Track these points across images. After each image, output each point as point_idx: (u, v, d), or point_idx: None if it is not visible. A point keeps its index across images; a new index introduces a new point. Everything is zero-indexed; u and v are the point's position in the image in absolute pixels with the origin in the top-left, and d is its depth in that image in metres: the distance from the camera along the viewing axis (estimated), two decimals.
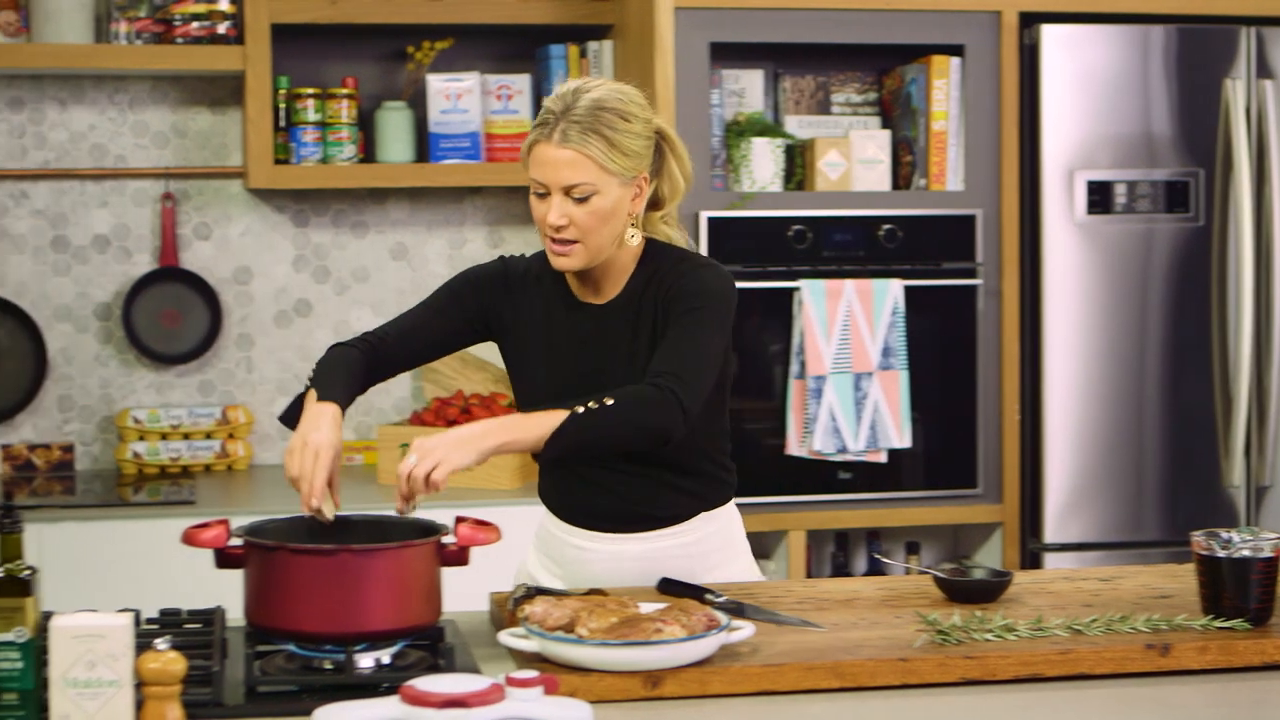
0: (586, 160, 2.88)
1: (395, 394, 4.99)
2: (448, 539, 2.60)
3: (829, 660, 2.49)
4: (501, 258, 3.15)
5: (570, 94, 2.93)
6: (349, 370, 3.01)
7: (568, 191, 2.89)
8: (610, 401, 2.81)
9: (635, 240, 3.02)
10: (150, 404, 4.87)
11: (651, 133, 3.00)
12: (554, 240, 2.93)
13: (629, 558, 3.08)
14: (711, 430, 3.08)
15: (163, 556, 4.14)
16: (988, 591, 2.90)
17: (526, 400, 3.08)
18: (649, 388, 2.84)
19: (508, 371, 3.12)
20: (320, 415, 2.86)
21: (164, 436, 4.79)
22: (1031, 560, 4.66)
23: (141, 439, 4.78)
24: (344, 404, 2.91)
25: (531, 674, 2.15)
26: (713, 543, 3.13)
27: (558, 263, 2.96)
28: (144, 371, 4.88)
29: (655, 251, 3.05)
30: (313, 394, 2.91)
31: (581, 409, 2.79)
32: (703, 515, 3.11)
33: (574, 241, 2.92)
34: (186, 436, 4.80)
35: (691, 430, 2.90)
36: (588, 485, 3.08)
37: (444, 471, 2.73)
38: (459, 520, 2.62)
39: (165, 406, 4.83)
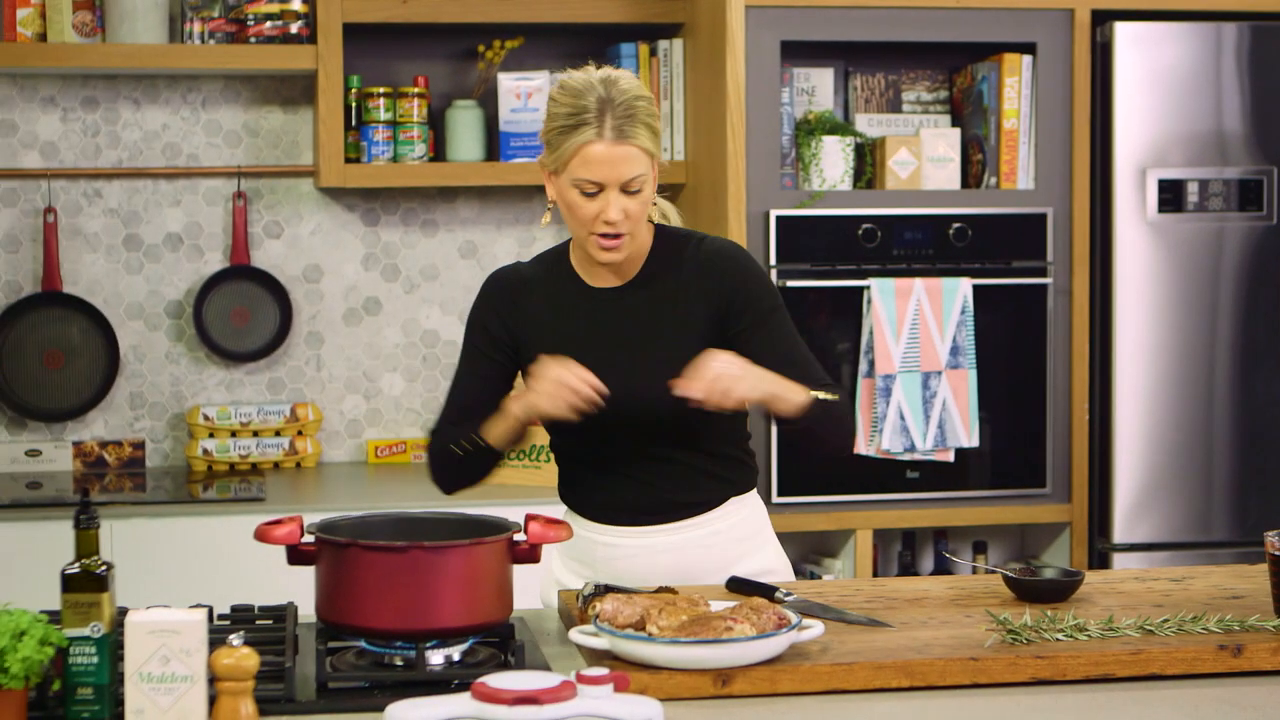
0: (640, 153, 2.91)
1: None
2: (519, 536, 2.60)
3: (899, 659, 2.49)
4: (490, 276, 3.15)
5: (600, 86, 2.92)
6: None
7: (625, 186, 2.91)
8: (834, 398, 2.95)
9: (658, 215, 3.09)
10: (220, 401, 4.90)
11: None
12: (604, 236, 2.94)
13: (661, 550, 3.08)
14: (737, 413, 3.07)
15: (232, 553, 4.19)
16: (1058, 591, 2.89)
17: None
18: (843, 394, 2.97)
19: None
20: (518, 394, 2.96)
21: (234, 434, 4.82)
22: (1100, 560, 4.64)
23: (211, 436, 4.81)
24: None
25: (602, 671, 2.16)
26: (743, 529, 3.14)
27: (607, 257, 2.97)
28: (214, 369, 4.92)
29: (661, 232, 3.09)
30: (489, 423, 3.00)
31: (820, 394, 2.92)
32: (733, 501, 3.12)
33: (624, 235, 2.94)
34: (256, 434, 4.83)
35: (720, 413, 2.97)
36: (618, 479, 3.07)
37: (740, 394, 2.83)
38: (529, 518, 2.63)
39: (235, 404, 4.86)
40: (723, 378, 2.83)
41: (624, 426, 3.00)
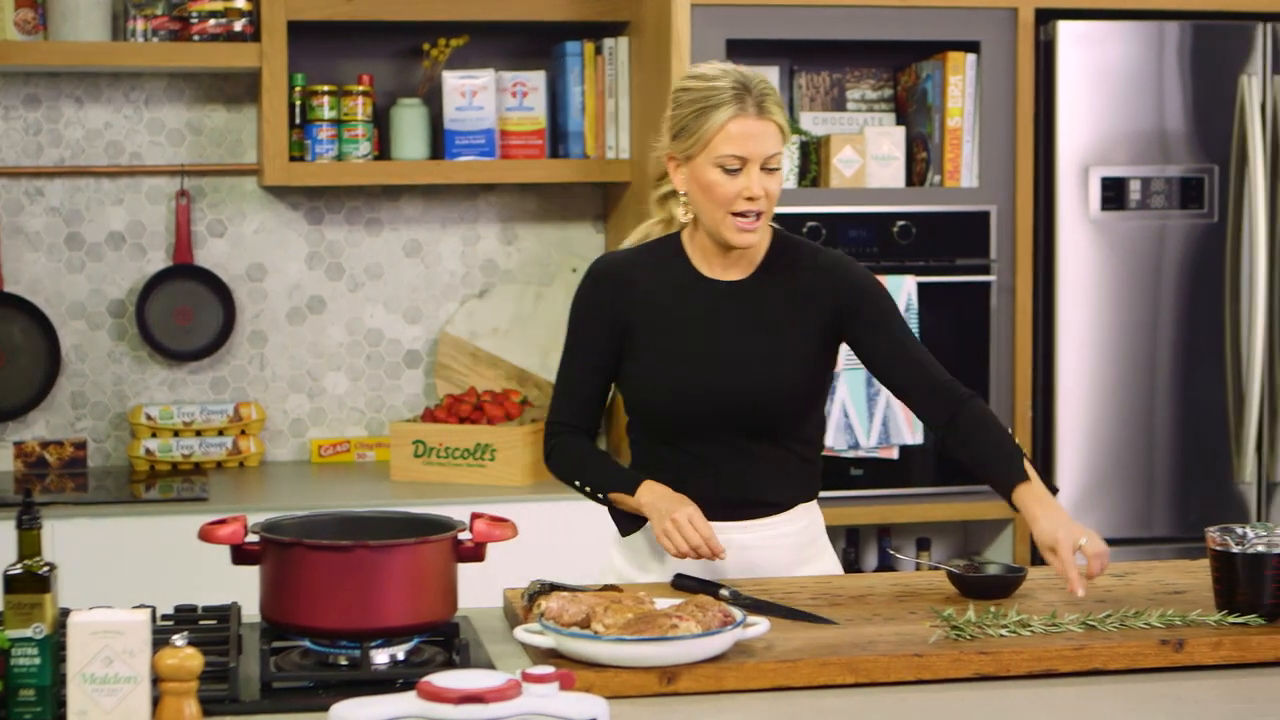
0: (779, 130, 3.02)
1: (407, 391, 5.00)
2: (464, 535, 2.60)
3: (843, 656, 2.50)
4: (596, 263, 3.20)
5: (736, 73, 3.01)
6: (597, 451, 3.18)
7: (765, 163, 2.99)
8: (1019, 448, 3.01)
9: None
10: (163, 401, 4.88)
11: None
12: (743, 216, 3.00)
13: (734, 547, 3.10)
14: (818, 417, 3.19)
15: (175, 553, 4.17)
16: (1002, 587, 2.90)
17: (655, 380, 3.09)
18: (983, 401, 3.09)
19: (625, 357, 3.12)
20: (654, 489, 3.05)
21: (176, 433, 4.80)
22: (1042, 557, 4.65)
23: (154, 436, 4.79)
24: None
25: (548, 670, 2.16)
26: (807, 535, 3.20)
27: (743, 239, 3.02)
28: (157, 368, 4.89)
29: (780, 236, 3.16)
30: (619, 495, 3.10)
31: (1027, 464, 2.97)
32: (801, 506, 3.17)
33: (761, 215, 3.00)
34: (199, 433, 4.81)
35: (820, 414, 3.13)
36: (702, 471, 3.08)
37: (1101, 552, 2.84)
38: (475, 516, 2.63)
39: (178, 403, 4.84)
40: (1100, 557, 2.84)
41: (720, 419, 3.05)
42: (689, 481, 3.07)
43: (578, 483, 3.15)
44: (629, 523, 3.13)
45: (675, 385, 3.06)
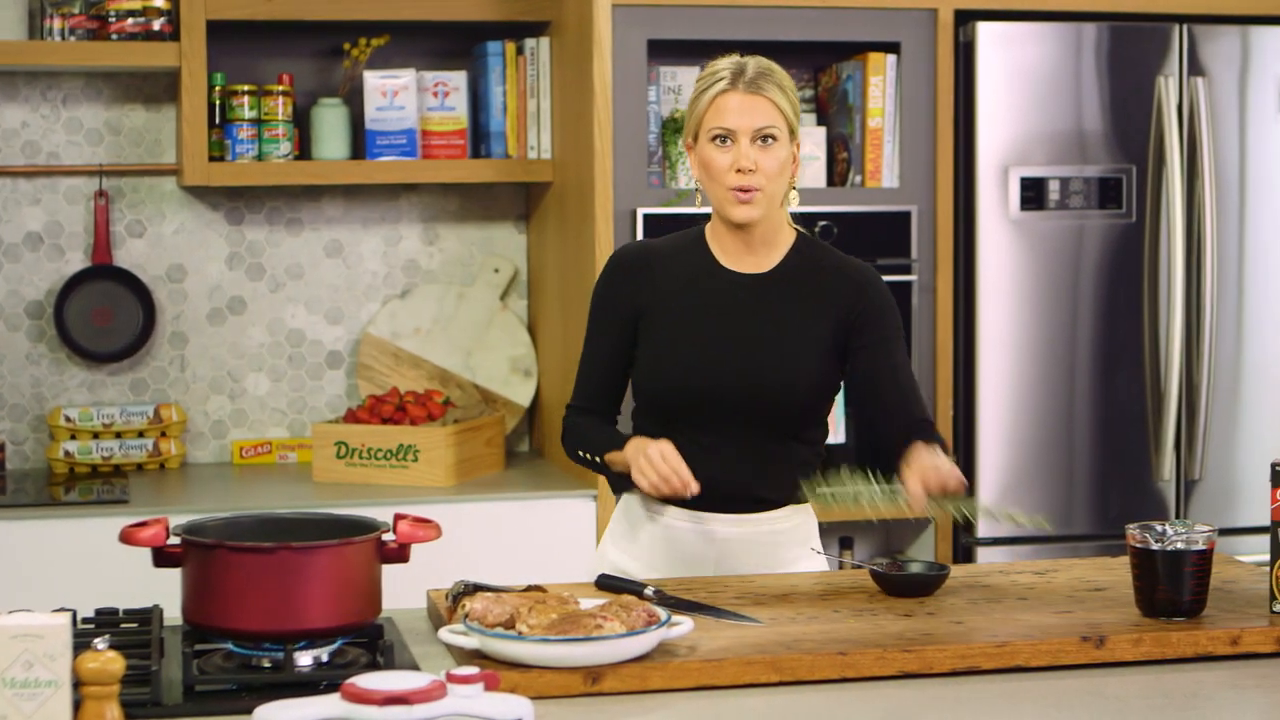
0: (771, 105, 3.06)
1: (329, 392, 4.98)
2: (388, 536, 2.59)
3: (768, 655, 2.51)
4: (617, 251, 3.26)
5: (735, 61, 3.11)
6: (601, 424, 3.23)
7: (755, 136, 3.04)
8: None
9: (795, 202, 3.19)
10: (82, 402, 4.84)
11: (800, 108, 3.17)
12: (738, 189, 3.05)
13: (719, 539, 3.14)
14: (827, 420, 3.24)
15: (95, 556, 4.14)
16: (925, 586, 2.92)
17: (664, 366, 3.13)
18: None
19: (638, 347, 3.17)
20: (637, 441, 3.07)
21: (96, 435, 4.76)
22: (964, 555, 4.69)
23: (73, 438, 4.75)
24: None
25: (473, 670, 2.16)
26: (798, 534, 3.22)
27: (739, 212, 3.07)
28: (76, 370, 4.85)
29: (805, 238, 3.22)
30: (611, 454, 3.12)
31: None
32: (794, 505, 3.19)
33: (755, 190, 3.04)
34: (119, 435, 4.78)
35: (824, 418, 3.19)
36: (705, 462, 3.06)
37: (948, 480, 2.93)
38: (398, 517, 2.62)
39: (97, 405, 4.80)
40: (939, 470, 2.92)
41: (725, 410, 3.08)
42: (702, 471, 3.07)
43: (580, 452, 3.20)
44: (623, 482, 3.18)
45: (683, 371, 3.11)
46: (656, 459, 2.97)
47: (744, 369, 3.10)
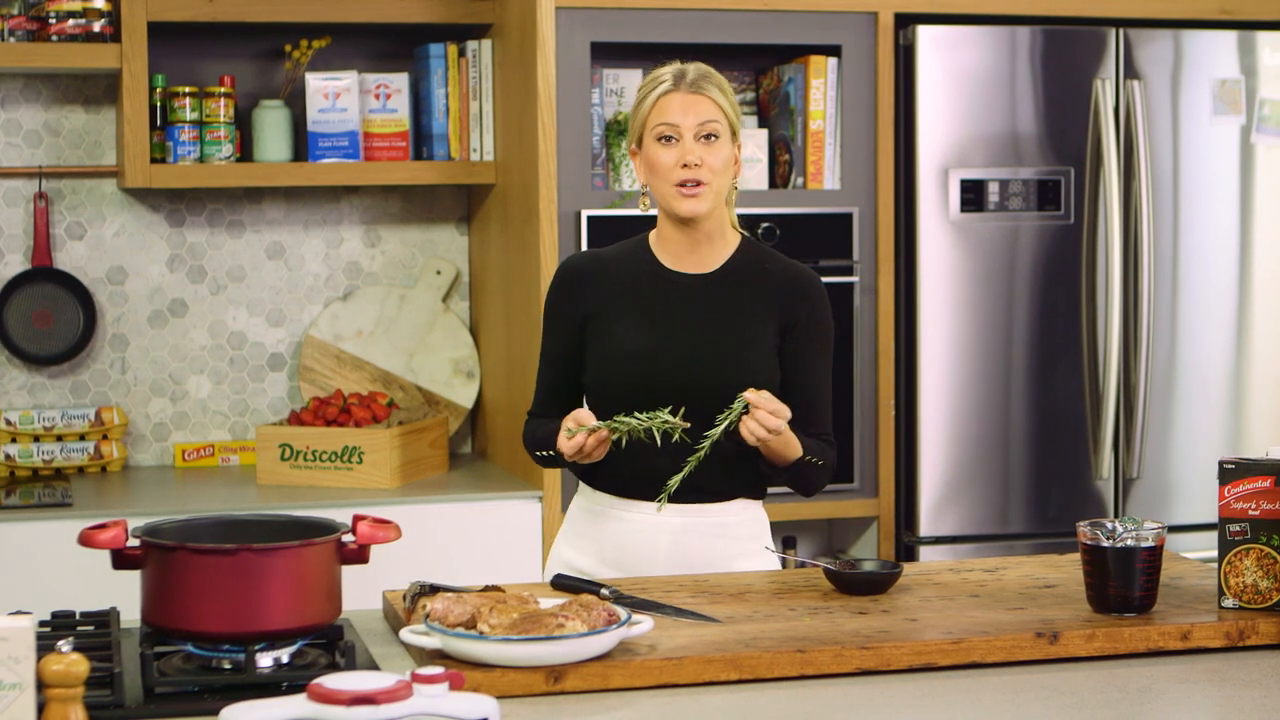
0: (712, 103, 3.17)
1: (272, 394, 4.97)
2: (348, 537, 2.60)
3: (727, 653, 2.53)
4: (564, 260, 3.35)
5: (676, 67, 3.21)
6: (552, 421, 3.25)
7: (698, 132, 3.13)
8: (820, 463, 3.18)
9: (735, 196, 3.27)
10: (22, 405, 4.81)
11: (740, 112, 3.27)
12: (684, 185, 3.14)
13: (666, 531, 3.19)
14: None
15: (39, 560, 4.12)
16: (878, 584, 2.94)
17: (609, 367, 3.20)
18: (833, 453, 3.25)
19: (587, 351, 3.25)
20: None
21: (37, 438, 4.73)
22: (906, 553, 4.72)
23: (14, 441, 4.72)
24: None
25: (438, 670, 2.17)
26: (746, 530, 3.26)
27: (686, 205, 3.16)
28: (16, 373, 4.82)
29: (750, 240, 3.31)
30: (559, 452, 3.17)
31: (809, 458, 3.15)
32: (741, 500, 3.24)
33: (702, 184, 3.13)
34: (60, 438, 4.75)
35: None
36: (651, 453, 3.09)
37: (766, 448, 3.08)
38: (358, 518, 2.62)
39: (38, 408, 4.78)
40: (778, 429, 3.02)
41: (671, 406, 3.09)
42: (636, 461, 3.12)
43: (539, 453, 3.27)
44: (583, 472, 3.26)
45: (630, 370, 3.17)
46: (569, 420, 3.08)
47: (689, 366, 3.16)
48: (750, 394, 3.01)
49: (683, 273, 3.24)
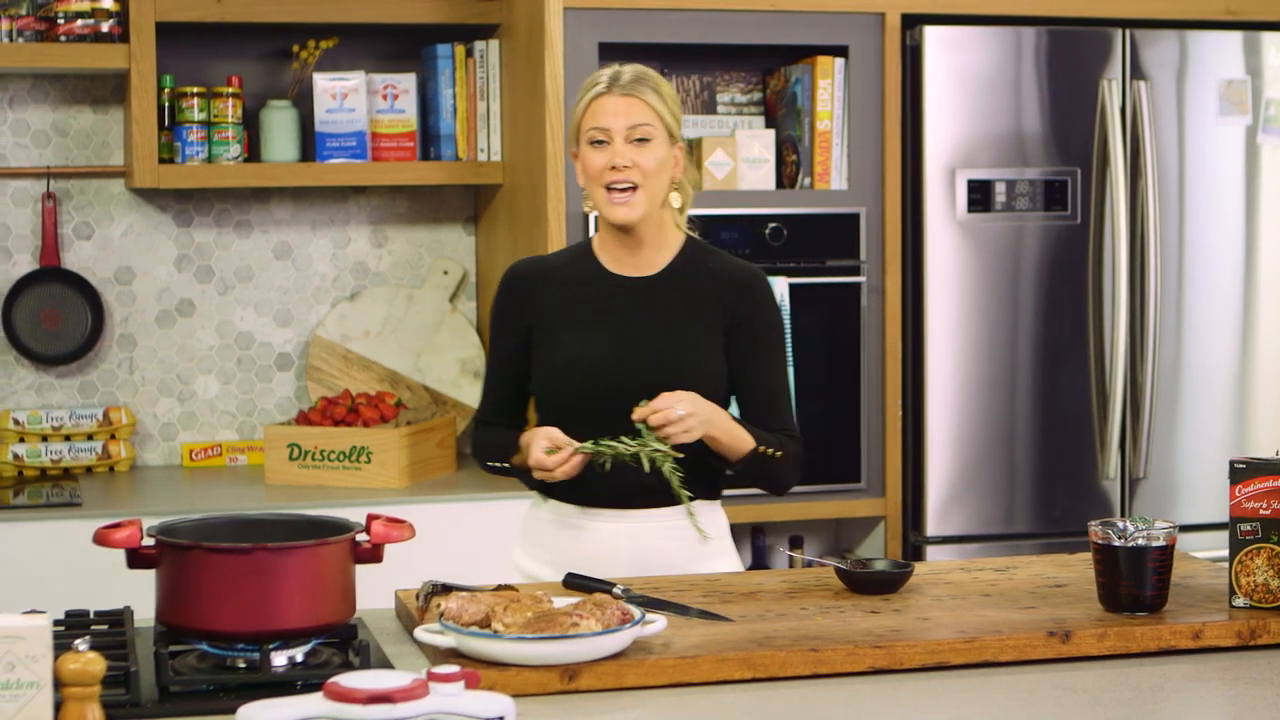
0: (644, 105, 3.16)
1: (279, 394, 4.98)
2: (362, 537, 2.60)
3: (741, 652, 2.53)
4: (510, 267, 3.35)
5: (612, 69, 3.21)
6: (504, 431, 3.29)
7: (629, 135, 3.13)
8: (780, 454, 3.17)
9: (678, 203, 3.26)
10: (31, 405, 4.82)
11: (681, 114, 3.25)
12: (615, 189, 3.14)
13: (624, 536, 3.20)
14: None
15: (49, 559, 4.12)
16: (889, 583, 2.95)
17: (555, 374, 3.21)
18: (798, 448, 3.23)
19: (532, 355, 3.25)
20: (526, 434, 3.18)
21: (45, 438, 4.74)
22: (913, 553, 4.72)
23: (22, 441, 4.73)
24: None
25: (454, 669, 2.17)
26: (709, 530, 3.25)
27: (617, 212, 3.16)
28: (24, 372, 4.83)
29: (694, 241, 3.30)
30: (515, 457, 3.23)
31: (763, 449, 3.14)
32: (698, 503, 3.22)
33: (634, 188, 3.13)
34: (68, 438, 4.76)
35: None
36: (623, 465, 3.11)
37: (689, 437, 3.05)
38: (371, 518, 2.63)
39: (46, 408, 4.78)
40: (670, 413, 3.03)
41: (624, 413, 3.10)
42: (597, 473, 3.12)
43: (490, 462, 3.28)
44: (534, 482, 3.25)
45: (576, 376, 3.18)
46: (540, 437, 3.08)
47: (635, 370, 3.16)
48: (638, 413, 3.03)
49: (625, 276, 3.25)
